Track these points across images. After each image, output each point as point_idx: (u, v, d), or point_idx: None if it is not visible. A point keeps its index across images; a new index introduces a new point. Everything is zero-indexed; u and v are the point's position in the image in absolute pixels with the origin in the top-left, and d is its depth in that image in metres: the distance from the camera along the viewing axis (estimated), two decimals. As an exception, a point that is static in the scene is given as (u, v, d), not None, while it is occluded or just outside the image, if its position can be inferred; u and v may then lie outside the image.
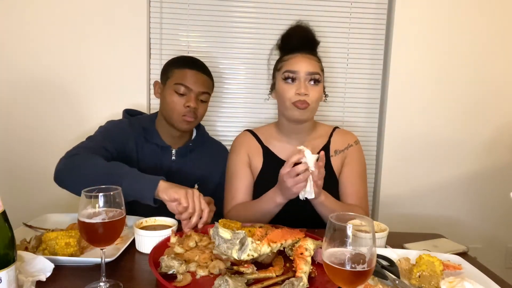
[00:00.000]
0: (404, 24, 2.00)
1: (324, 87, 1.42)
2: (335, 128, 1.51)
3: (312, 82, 1.34)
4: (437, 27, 2.01)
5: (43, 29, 1.88)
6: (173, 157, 1.46)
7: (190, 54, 2.01)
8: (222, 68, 2.04)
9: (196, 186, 1.43)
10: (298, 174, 1.12)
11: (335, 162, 1.43)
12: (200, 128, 1.58)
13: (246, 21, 1.99)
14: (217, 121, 2.08)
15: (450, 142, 2.09)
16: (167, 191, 1.10)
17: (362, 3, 2.03)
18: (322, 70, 1.41)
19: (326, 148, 1.45)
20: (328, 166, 1.41)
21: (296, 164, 1.14)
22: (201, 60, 1.47)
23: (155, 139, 1.45)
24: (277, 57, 1.47)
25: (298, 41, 1.41)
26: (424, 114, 2.07)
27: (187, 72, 1.40)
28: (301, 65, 1.34)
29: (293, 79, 1.34)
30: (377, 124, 2.14)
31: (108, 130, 1.41)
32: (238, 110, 2.07)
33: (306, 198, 1.18)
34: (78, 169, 1.17)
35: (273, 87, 1.45)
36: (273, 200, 1.25)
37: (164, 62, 2.00)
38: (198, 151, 1.52)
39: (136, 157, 1.43)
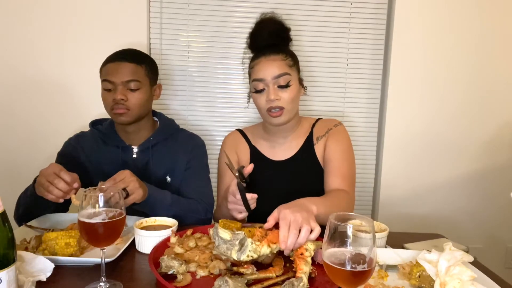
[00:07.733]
0: (404, 24, 2.00)
1: (301, 80, 1.38)
2: (318, 119, 1.50)
3: (281, 85, 1.31)
4: (437, 27, 2.01)
5: (42, 28, 1.89)
6: (134, 155, 1.45)
7: (190, 54, 2.02)
8: (221, 68, 2.04)
9: (168, 179, 1.45)
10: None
11: (318, 149, 1.42)
12: (162, 121, 1.53)
13: (246, 21, 1.99)
14: (216, 121, 2.07)
15: (450, 142, 2.09)
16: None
17: (362, 3, 2.03)
18: (293, 65, 1.35)
19: (309, 138, 1.44)
20: (312, 154, 1.41)
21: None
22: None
23: (114, 141, 1.44)
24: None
25: (264, 39, 1.38)
26: (424, 114, 2.07)
27: (108, 67, 1.37)
28: (265, 71, 1.31)
29: (262, 88, 1.32)
30: (377, 124, 2.14)
31: (59, 155, 1.46)
32: (237, 110, 2.07)
33: None
34: (17, 206, 1.35)
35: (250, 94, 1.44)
36: (226, 206, 1.24)
37: (164, 62, 2.03)
38: (162, 144, 1.47)
39: (95, 162, 1.43)
